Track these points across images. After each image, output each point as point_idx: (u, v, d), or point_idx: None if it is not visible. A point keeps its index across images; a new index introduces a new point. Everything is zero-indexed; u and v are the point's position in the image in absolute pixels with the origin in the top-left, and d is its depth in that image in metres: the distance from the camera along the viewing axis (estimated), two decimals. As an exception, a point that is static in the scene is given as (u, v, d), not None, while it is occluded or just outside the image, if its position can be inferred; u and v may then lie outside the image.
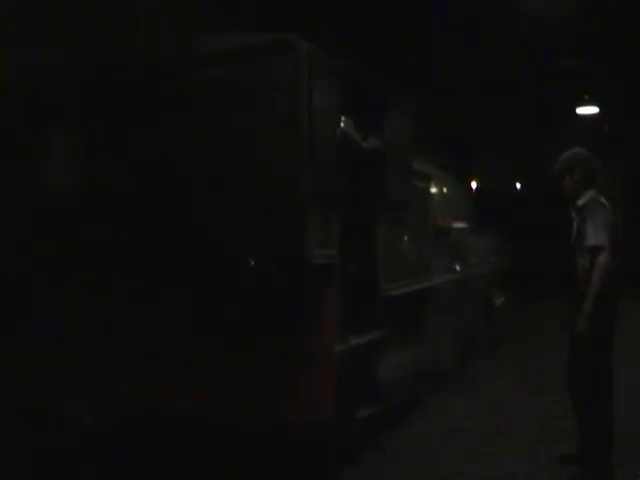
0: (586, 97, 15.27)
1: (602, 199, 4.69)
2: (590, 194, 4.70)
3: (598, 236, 4.47)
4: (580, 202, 4.72)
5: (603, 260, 4.42)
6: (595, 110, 15.61)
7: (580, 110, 15.66)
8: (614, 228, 4.59)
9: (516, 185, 19.75)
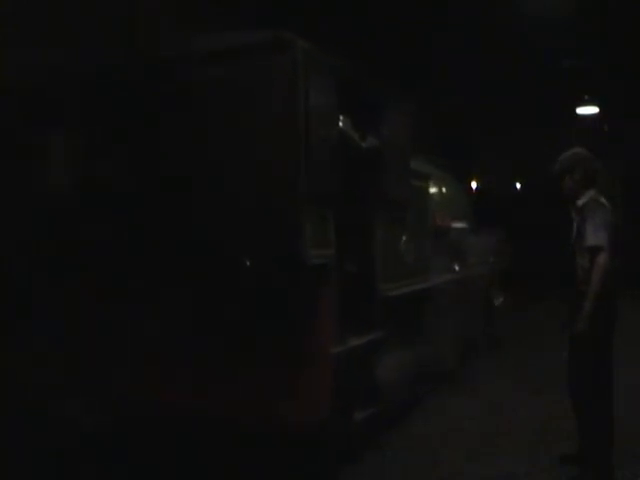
0: (586, 97, 15.28)
1: (602, 199, 4.69)
2: (590, 194, 4.70)
3: (598, 236, 4.47)
4: (580, 202, 4.72)
5: (602, 260, 4.42)
6: (595, 110, 15.61)
7: (580, 110, 15.66)
8: (614, 228, 4.59)
9: (516, 185, 19.75)
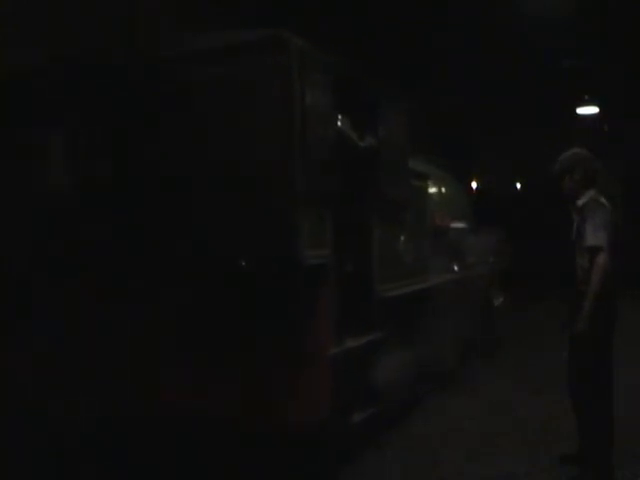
0: (586, 97, 15.28)
1: (602, 199, 4.69)
2: (590, 194, 4.70)
3: (597, 236, 4.47)
4: (580, 202, 4.71)
5: (602, 260, 4.42)
6: (595, 110, 15.61)
7: (580, 110, 15.66)
8: (614, 228, 4.59)
9: (516, 185, 19.75)
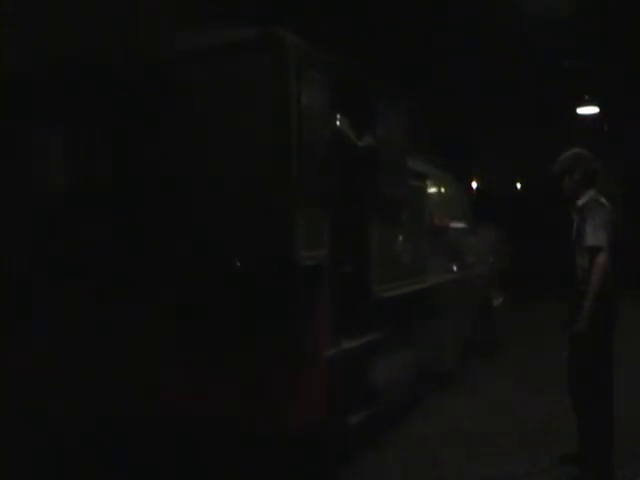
0: (586, 97, 15.26)
1: (602, 199, 4.69)
2: (590, 194, 4.70)
3: (597, 236, 4.47)
4: (580, 202, 4.72)
5: (602, 260, 4.42)
6: (595, 110, 15.60)
7: (580, 110, 15.65)
8: (614, 228, 4.59)
9: (516, 185, 19.74)
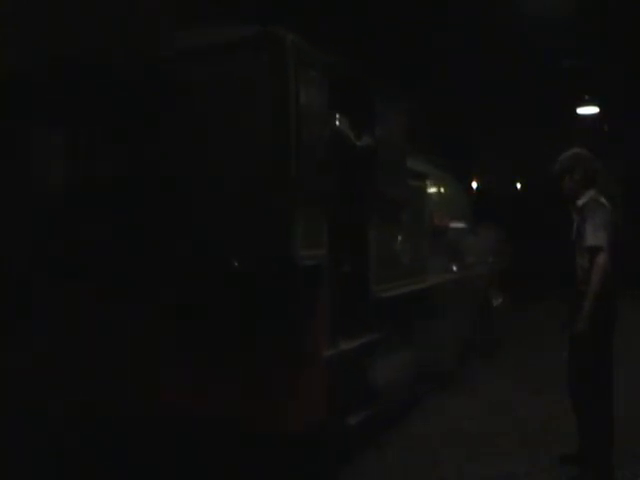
0: (586, 97, 15.27)
1: (602, 199, 4.69)
2: (590, 194, 4.70)
3: (597, 236, 4.47)
4: (580, 202, 4.72)
5: (602, 260, 4.42)
6: (595, 110, 15.60)
7: (580, 110, 15.65)
8: (614, 228, 4.59)
9: (516, 185, 19.75)
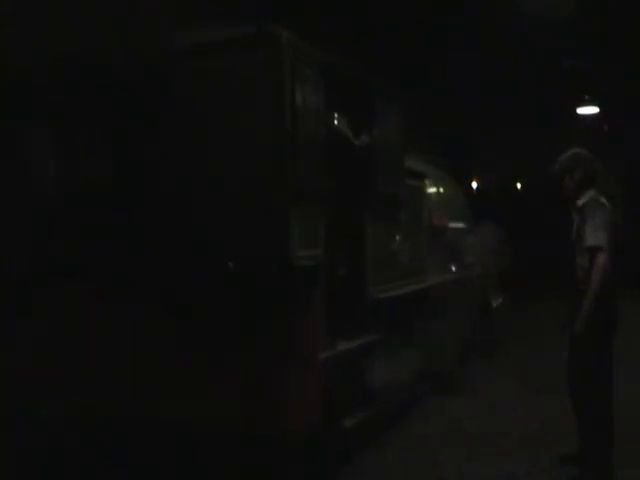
0: (586, 97, 15.28)
1: (602, 199, 4.68)
2: (590, 194, 4.70)
3: (597, 236, 4.46)
4: (580, 202, 4.71)
5: (602, 260, 4.42)
6: (595, 110, 15.62)
7: (580, 110, 15.67)
8: (614, 228, 4.59)
9: (516, 185, 19.76)
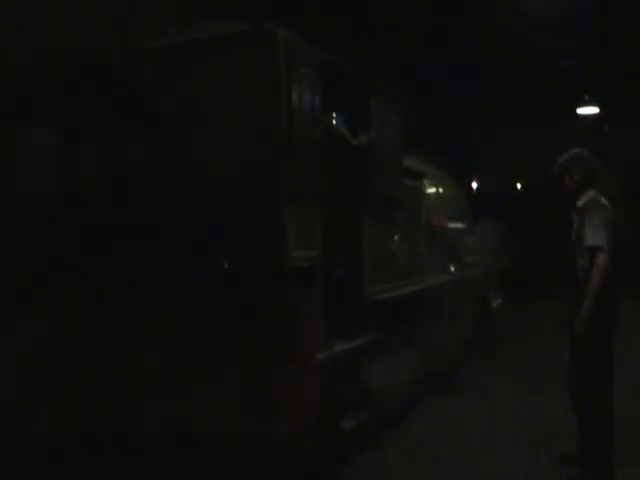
0: (586, 97, 15.28)
1: (602, 199, 4.68)
2: (590, 194, 4.70)
3: (597, 236, 4.46)
4: (580, 202, 4.71)
5: (602, 260, 4.42)
6: (595, 110, 15.62)
7: (580, 110, 15.66)
8: (614, 228, 4.59)
9: (516, 185, 19.76)
